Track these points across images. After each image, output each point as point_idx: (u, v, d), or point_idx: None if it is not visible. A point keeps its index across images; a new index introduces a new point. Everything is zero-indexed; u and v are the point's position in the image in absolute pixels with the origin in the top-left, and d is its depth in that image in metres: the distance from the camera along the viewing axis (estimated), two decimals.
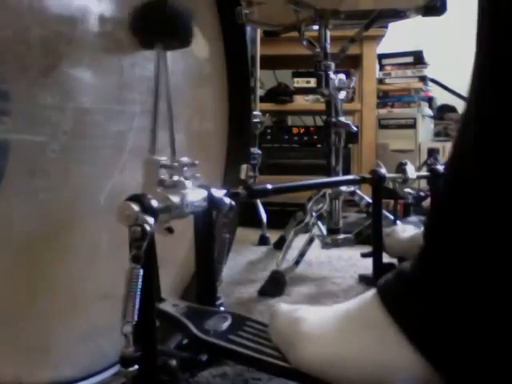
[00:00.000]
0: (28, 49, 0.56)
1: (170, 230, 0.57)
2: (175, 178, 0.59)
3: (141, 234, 0.50)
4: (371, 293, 0.55)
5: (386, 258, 1.15)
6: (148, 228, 0.50)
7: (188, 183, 0.60)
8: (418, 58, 2.72)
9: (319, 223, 1.31)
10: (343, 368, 0.52)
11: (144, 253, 0.50)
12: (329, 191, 1.33)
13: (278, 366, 0.56)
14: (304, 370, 0.54)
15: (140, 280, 0.49)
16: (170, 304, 0.66)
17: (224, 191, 0.66)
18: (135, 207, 0.51)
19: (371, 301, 0.54)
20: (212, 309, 0.68)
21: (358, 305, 0.56)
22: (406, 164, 1.21)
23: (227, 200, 0.65)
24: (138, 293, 0.49)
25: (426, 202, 1.90)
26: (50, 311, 0.61)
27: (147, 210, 0.51)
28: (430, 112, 2.76)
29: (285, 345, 0.57)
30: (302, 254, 1.23)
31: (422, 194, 1.89)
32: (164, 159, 0.60)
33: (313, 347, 0.54)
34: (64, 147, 0.61)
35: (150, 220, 0.51)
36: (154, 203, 0.53)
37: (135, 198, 0.52)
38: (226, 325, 0.62)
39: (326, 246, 1.27)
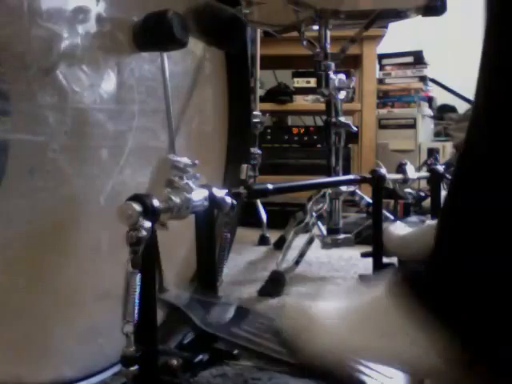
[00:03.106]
0: (28, 49, 0.56)
1: (163, 225, 0.57)
2: (180, 178, 0.59)
3: (138, 238, 0.50)
4: (379, 287, 0.57)
5: (386, 258, 1.15)
6: (145, 232, 0.50)
7: (190, 183, 0.60)
8: (418, 58, 2.72)
9: (319, 223, 1.31)
10: (354, 360, 0.53)
11: (144, 255, 0.50)
12: (329, 191, 1.33)
13: (280, 360, 0.56)
14: (315, 364, 0.55)
15: (139, 282, 0.49)
16: (173, 295, 0.66)
17: (225, 191, 0.66)
18: (137, 207, 0.51)
19: (378, 295, 0.55)
20: (215, 300, 0.68)
21: (365, 300, 0.57)
22: (405, 164, 1.21)
23: (228, 199, 0.65)
24: (138, 295, 0.49)
25: (426, 202, 1.90)
26: (50, 311, 0.61)
27: (149, 210, 0.51)
28: (430, 112, 2.75)
29: (296, 340, 0.58)
30: (302, 254, 1.23)
31: (421, 193, 1.89)
32: (179, 160, 0.60)
33: (324, 342, 0.55)
34: (64, 147, 0.61)
35: (148, 224, 0.51)
36: (156, 203, 0.53)
37: (137, 198, 0.52)
38: (228, 317, 0.62)
39: (325, 245, 1.27)
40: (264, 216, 1.79)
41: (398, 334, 0.52)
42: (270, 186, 0.79)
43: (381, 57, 2.67)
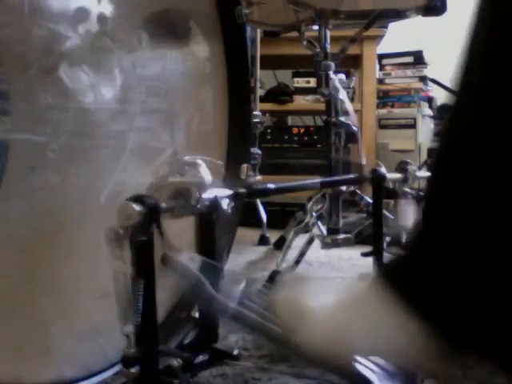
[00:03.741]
0: (28, 49, 0.56)
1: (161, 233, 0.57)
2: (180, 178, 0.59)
3: (141, 233, 0.50)
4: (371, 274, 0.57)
5: (386, 258, 1.14)
6: (146, 230, 0.50)
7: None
8: (418, 58, 2.72)
9: (319, 223, 1.31)
10: (352, 344, 0.53)
11: (143, 255, 0.50)
12: (329, 191, 1.33)
13: (284, 339, 0.56)
14: (312, 349, 0.55)
15: (142, 281, 0.49)
16: (187, 257, 0.65)
17: (226, 191, 0.66)
18: (136, 207, 0.51)
19: (373, 280, 0.56)
20: (227, 270, 0.67)
21: (362, 286, 0.57)
22: (406, 163, 1.21)
23: (229, 200, 0.64)
24: (140, 293, 0.49)
25: None
26: (50, 311, 0.61)
27: (149, 210, 0.51)
28: (430, 112, 2.75)
29: (292, 322, 0.58)
30: (302, 254, 1.23)
31: (422, 193, 1.89)
32: (180, 159, 0.60)
33: (318, 332, 0.55)
34: (64, 147, 0.61)
35: (150, 219, 0.51)
36: (156, 203, 0.53)
37: (136, 198, 0.52)
38: (240, 287, 0.62)
39: (326, 245, 1.27)
40: (264, 216, 1.79)
41: (383, 325, 0.53)
42: (270, 186, 0.79)
43: (381, 57, 2.67)
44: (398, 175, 1.20)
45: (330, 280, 0.63)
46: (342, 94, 1.24)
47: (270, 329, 0.57)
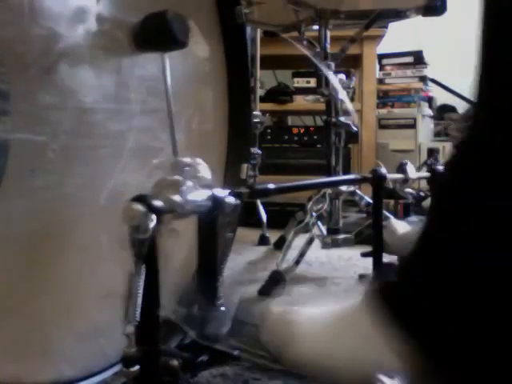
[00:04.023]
0: (28, 49, 0.56)
1: (173, 231, 0.57)
2: (177, 177, 0.59)
3: (144, 233, 0.50)
4: (358, 298, 0.56)
5: (385, 258, 1.14)
6: (151, 227, 0.50)
7: (191, 183, 0.60)
8: (418, 58, 2.72)
9: (319, 223, 1.31)
10: (334, 369, 0.53)
11: (147, 256, 0.50)
12: (329, 191, 1.33)
13: (274, 368, 0.57)
14: (297, 370, 0.55)
15: (143, 280, 0.49)
16: (170, 310, 0.66)
17: (228, 191, 0.66)
18: (140, 207, 0.51)
19: (358, 304, 0.55)
20: (210, 313, 0.68)
21: (345, 309, 0.57)
22: (406, 164, 1.21)
23: (232, 199, 0.65)
24: (141, 293, 0.49)
25: (426, 202, 1.90)
26: (50, 311, 0.61)
27: (152, 210, 0.51)
28: (430, 112, 2.76)
29: (277, 346, 0.58)
30: (302, 254, 1.23)
31: (421, 193, 1.89)
32: (181, 160, 0.60)
33: (306, 349, 0.55)
34: (64, 147, 0.61)
35: (153, 219, 0.51)
36: (159, 204, 0.53)
37: (139, 199, 0.52)
38: (225, 329, 0.62)
39: (325, 245, 1.27)
40: (264, 216, 1.79)
41: (369, 345, 0.52)
42: (271, 186, 0.79)
43: (381, 57, 2.67)
44: (398, 176, 1.21)
45: (318, 300, 0.63)
46: (342, 94, 1.24)
47: (260, 363, 0.58)
